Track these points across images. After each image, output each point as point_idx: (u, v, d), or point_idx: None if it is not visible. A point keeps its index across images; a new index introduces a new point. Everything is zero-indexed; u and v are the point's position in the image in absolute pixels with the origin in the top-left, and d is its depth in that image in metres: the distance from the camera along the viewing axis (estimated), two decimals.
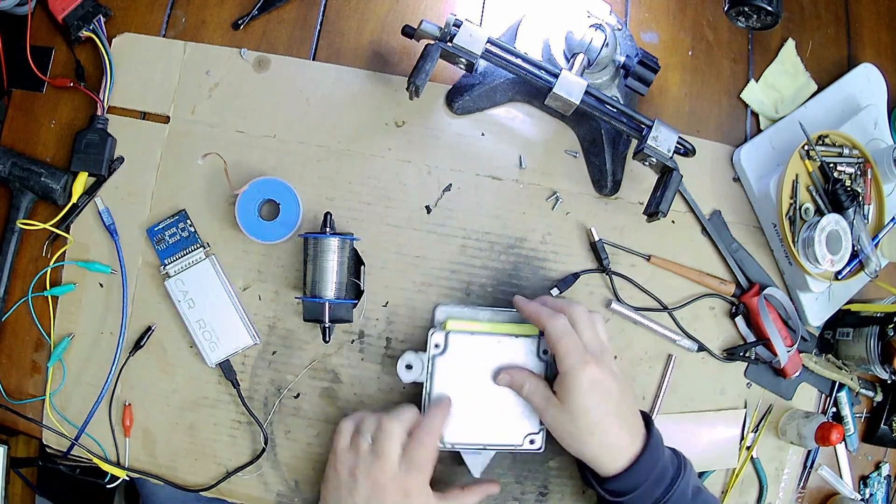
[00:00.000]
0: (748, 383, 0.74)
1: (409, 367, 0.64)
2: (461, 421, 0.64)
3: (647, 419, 0.62)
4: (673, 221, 0.75)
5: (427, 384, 0.64)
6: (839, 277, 0.71)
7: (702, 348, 0.73)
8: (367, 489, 0.59)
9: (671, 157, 0.65)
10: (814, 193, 0.71)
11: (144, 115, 0.72)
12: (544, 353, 0.65)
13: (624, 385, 0.61)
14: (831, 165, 0.72)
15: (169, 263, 0.68)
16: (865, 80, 0.78)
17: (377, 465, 0.59)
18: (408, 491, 0.59)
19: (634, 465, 0.58)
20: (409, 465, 0.59)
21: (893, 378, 0.71)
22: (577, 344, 0.59)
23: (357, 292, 0.69)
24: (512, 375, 0.63)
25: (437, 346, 0.64)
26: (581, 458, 0.60)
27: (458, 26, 0.63)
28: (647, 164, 0.66)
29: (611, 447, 0.59)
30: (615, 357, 0.72)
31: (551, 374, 0.66)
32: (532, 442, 0.65)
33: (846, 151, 0.73)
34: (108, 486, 0.68)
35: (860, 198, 0.72)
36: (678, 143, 0.65)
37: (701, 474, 0.73)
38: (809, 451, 0.75)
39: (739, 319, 0.74)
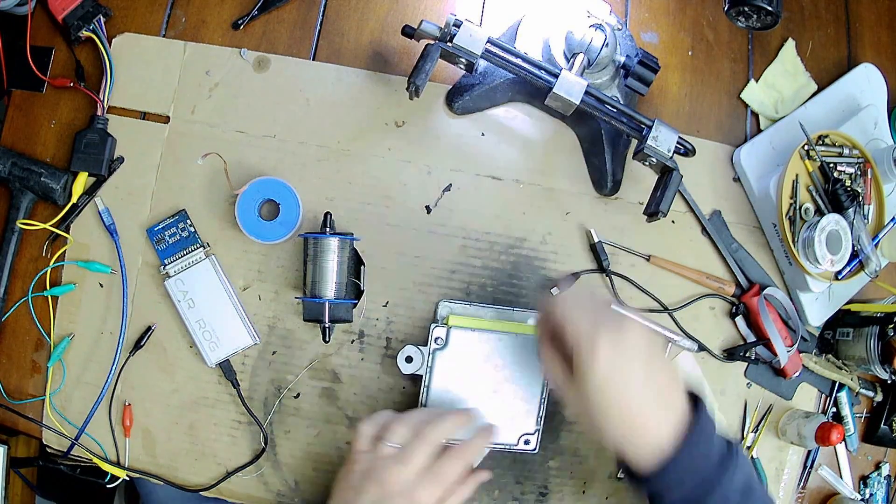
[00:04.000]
0: (748, 383, 0.74)
1: (409, 359, 0.65)
2: None
3: (695, 401, 0.52)
4: (673, 221, 0.75)
5: (426, 377, 0.64)
6: (839, 277, 0.71)
7: (702, 348, 0.73)
8: (375, 495, 0.55)
9: (671, 157, 0.65)
10: (814, 193, 0.71)
11: (144, 115, 0.71)
12: None
13: (653, 360, 0.52)
14: (831, 165, 0.71)
15: (169, 263, 0.68)
16: (865, 80, 0.78)
17: (394, 471, 0.55)
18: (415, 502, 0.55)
19: (673, 463, 0.49)
20: (433, 478, 0.55)
21: (893, 378, 0.71)
22: (582, 317, 0.53)
23: (357, 292, 0.69)
24: (546, 366, 0.58)
25: (438, 340, 0.64)
26: (608, 447, 0.53)
27: (458, 26, 0.63)
28: (647, 164, 0.66)
29: (634, 430, 0.50)
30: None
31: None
32: (527, 442, 0.65)
33: (846, 151, 0.73)
34: (108, 486, 0.68)
35: (860, 198, 0.72)
36: (678, 143, 0.65)
37: None
38: (809, 451, 0.75)
39: (739, 319, 0.74)
